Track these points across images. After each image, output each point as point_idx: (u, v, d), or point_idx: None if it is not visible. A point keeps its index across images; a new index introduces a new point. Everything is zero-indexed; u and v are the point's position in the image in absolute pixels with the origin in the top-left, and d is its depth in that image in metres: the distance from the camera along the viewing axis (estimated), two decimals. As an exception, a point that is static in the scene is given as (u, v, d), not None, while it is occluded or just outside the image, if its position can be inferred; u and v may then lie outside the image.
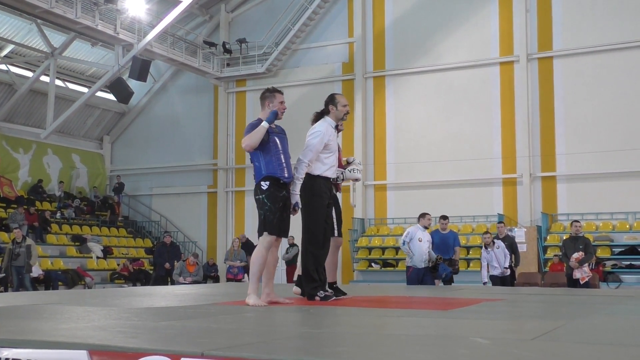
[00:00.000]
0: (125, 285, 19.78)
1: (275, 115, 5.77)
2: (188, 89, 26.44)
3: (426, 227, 11.17)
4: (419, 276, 10.87)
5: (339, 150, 6.61)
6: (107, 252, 22.30)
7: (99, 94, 24.65)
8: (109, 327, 3.95)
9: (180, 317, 4.64)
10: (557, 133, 20.49)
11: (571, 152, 20.13)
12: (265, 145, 5.76)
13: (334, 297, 6.28)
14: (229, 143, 25.38)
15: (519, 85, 20.91)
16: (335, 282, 6.71)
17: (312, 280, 6.22)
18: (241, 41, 24.69)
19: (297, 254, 19.38)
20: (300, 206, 6.00)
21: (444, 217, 12.61)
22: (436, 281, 11.22)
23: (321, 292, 6.17)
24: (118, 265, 21.83)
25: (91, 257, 21.62)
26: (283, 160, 5.83)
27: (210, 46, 24.59)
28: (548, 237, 20.06)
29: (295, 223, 6.09)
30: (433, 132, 21.83)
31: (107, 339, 3.32)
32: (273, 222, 5.75)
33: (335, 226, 6.54)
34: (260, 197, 5.74)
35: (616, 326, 4.31)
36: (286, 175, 5.83)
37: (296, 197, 5.96)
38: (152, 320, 4.40)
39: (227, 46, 24.81)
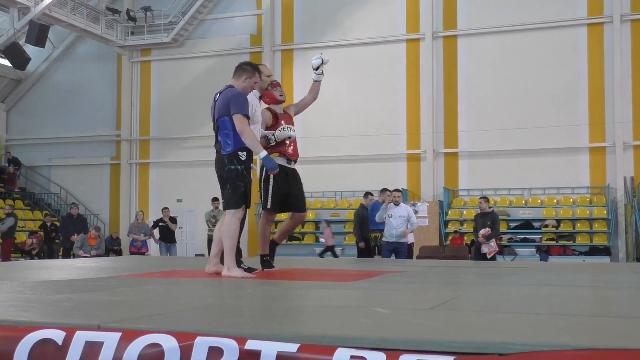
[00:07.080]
0: (22, 259, 19.01)
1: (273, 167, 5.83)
2: (90, 57, 25.47)
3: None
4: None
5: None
6: (2, 224, 21.30)
7: (-7, 59, 23.43)
8: (-1, 301, 3.77)
9: (78, 290, 4.49)
10: (459, 110, 21.08)
11: (472, 130, 20.76)
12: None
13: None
14: (133, 114, 24.68)
15: (424, 62, 21.31)
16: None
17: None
18: (146, 9, 23.96)
19: (12, 226, 18.92)
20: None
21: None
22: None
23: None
24: (15, 239, 20.87)
25: (-17, 231, 20.60)
26: None
27: (113, 13, 23.74)
28: (449, 212, 20.69)
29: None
30: (340, 107, 21.97)
31: (-4, 313, 3.16)
32: (249, 196, 5.73)
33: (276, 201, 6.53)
34: (239, 167, 5.59)
35: (510, 296, 4.48)
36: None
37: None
38: (48, 294, 4.22)
39: (131, 14, 24.03)
